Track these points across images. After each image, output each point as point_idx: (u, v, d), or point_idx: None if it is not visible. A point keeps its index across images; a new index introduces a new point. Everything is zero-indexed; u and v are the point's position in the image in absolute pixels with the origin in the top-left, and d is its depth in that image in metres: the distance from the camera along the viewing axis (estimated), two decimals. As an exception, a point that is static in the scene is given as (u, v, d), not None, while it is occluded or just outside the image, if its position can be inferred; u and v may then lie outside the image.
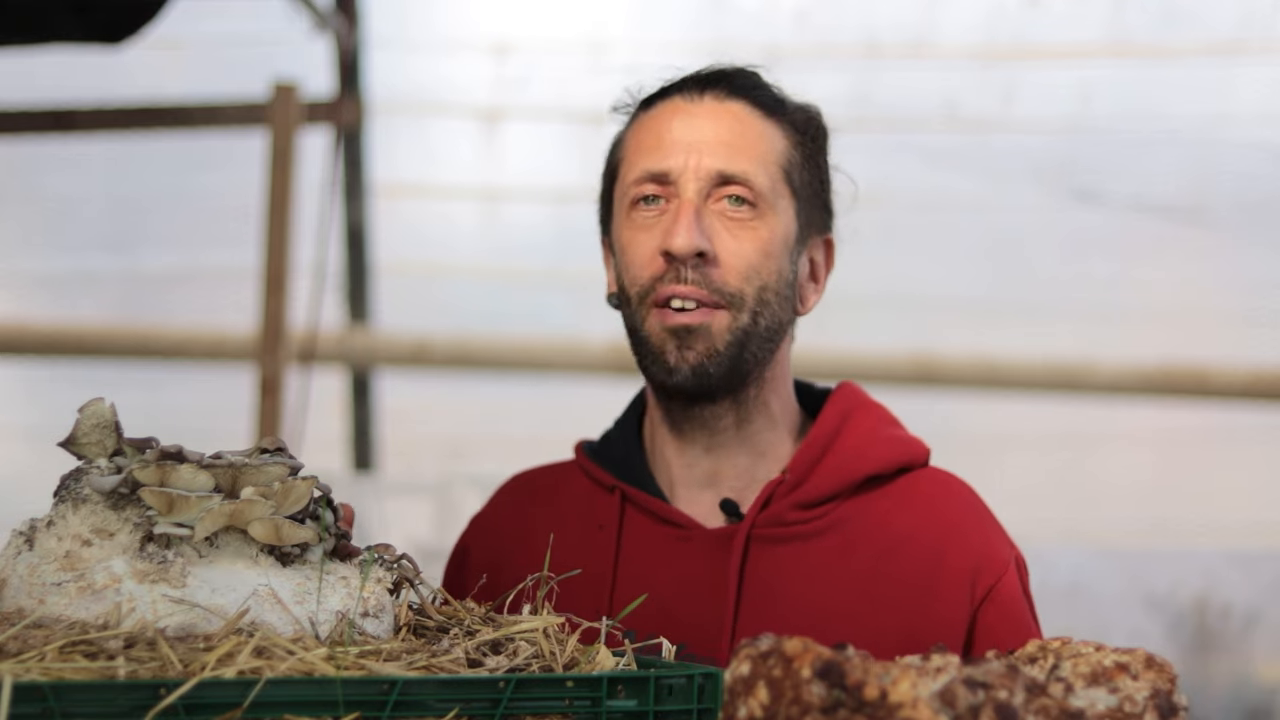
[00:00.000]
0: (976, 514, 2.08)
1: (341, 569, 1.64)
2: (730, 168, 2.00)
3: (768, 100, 2.05)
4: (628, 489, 2.08)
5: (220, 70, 4.76)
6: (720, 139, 2.01)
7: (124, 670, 1.42)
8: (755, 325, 2.00)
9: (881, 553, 2.00)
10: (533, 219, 5.24)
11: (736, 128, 2.02)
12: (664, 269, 1.98)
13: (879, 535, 2.02)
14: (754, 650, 1.45)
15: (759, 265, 2.00)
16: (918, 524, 2.03)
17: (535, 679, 1.52)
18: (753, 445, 2.06)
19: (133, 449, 1.65)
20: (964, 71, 4.84)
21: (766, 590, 2.00)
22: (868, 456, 2.05)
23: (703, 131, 2.02)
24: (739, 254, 1.99)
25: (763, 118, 2.04)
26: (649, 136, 2.05)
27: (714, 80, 2.05)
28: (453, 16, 5.08)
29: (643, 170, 2.02)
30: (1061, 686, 1.47)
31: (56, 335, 5.25)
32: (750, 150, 2.01)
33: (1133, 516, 5.40)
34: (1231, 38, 4.75)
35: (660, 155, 2.02)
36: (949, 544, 2.02)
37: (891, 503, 2.05)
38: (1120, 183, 5.00)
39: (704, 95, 2.04)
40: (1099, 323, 5.15)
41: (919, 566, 2.00)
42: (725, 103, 2.04)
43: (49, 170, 5.12)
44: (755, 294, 1.99)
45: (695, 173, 2.00)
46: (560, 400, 5.04)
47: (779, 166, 2.03)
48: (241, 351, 4.78)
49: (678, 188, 2.00)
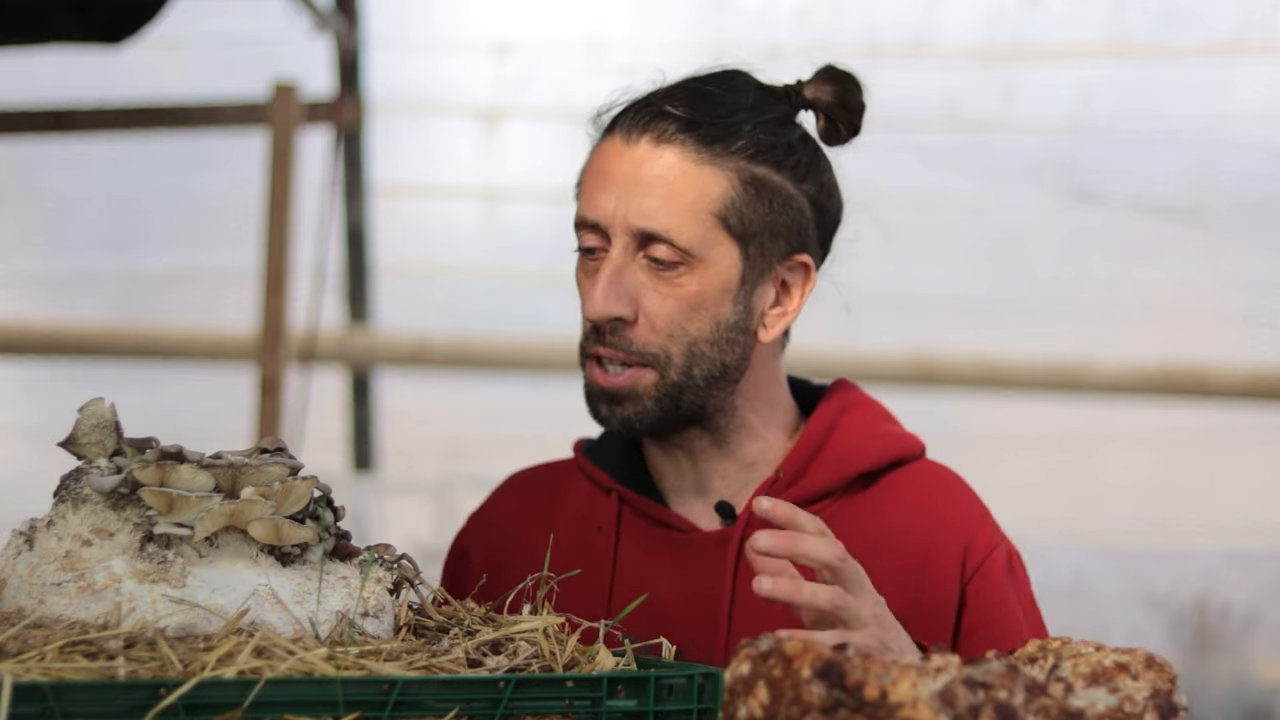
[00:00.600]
0: (966, 504, 2.07)
1: (341, 569, 1.64)
2: (651, 225, 1.94)
3: (714, 135, 1.95)
4: (625, 491, 2.07)
5: (220, 70, 4.76)
6: (646, 191, 1.94)
7: (124, 670, 1.42)
8: (688, 379, 1.97)
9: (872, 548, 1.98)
10: (533, 219, 5.23)
11: (665, 178, 1.94)
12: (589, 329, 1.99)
13: (869, 530, 2.00)
14: (754, 650, 1.45)
15: (684, 321, 1.95)
16: (908, 517, 2.03)
17: (535, 679, 1.52)
18: (738, 458, 2.05)
19: (133, 449, 1.65)
20: (964, 71, 4.83)
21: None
22: (861, 453, 2.04)
23: (628, 184, 1.95)
24: (661, 313, 1.95)
25: (700, 162, 1.94)
26: (589, 178, 2.01)
27: (657, 117, 1.96)
28: (453, 16, 5.08)
29: (580, 216, 2.00)
30: (1061, 686, 1.47)
31: (56, 335, 5.25)
32: (675, 203, 1.93)
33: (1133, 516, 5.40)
34: (1231, 38, 4.75)
35: (591, 203, 1.98)
36: (938, 534, 2.02)
37: (881, 497, 2.04)
38: (1120, 183, 5.00)
39: (642, 136, 1.96)
40: (1099, 323, 5.15)
41: (910, 559, 2.00)
42: (660, 148, 1.95)
43: (49, 170, 5.12)
44: (683, 350, 1.96)
45: (622, 227, 1.95)
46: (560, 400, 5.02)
47: (711, 214, 1.94)
48: (241, 351, 4.77)
49: (610, 240, 1.97)
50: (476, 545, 2.17)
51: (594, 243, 1.98)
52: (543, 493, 2.16)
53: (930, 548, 2.01)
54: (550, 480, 2.17)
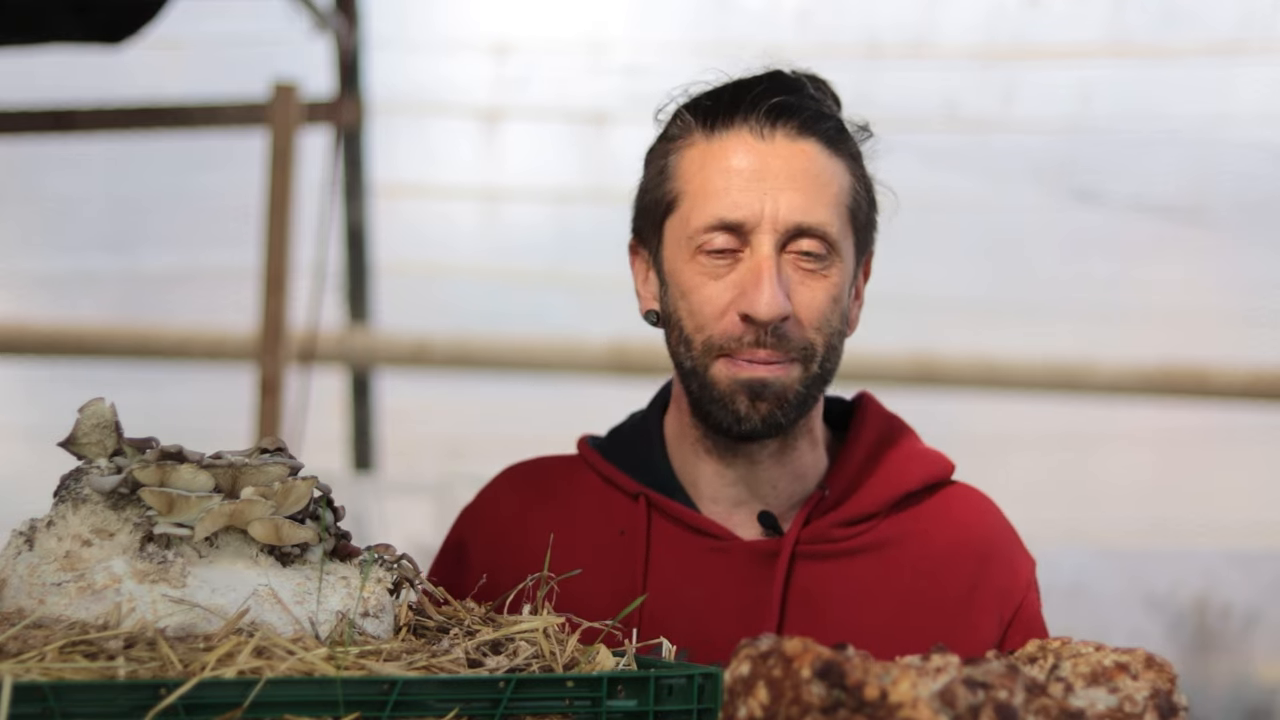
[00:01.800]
0: (1005, 534, 2.10)
1: (341, 569, 1.64)
2: (808, 220, 1.93)
3: (834, 133, 1.97)
4: (653, 495, 2.04)
5: (220, 70, 4.77)
6: (796, 186, 1.93)
7: (124, 670, 1.42)
8: (823, 371, 1.97)
9: (922, 572, 2.01)
10: (533, 219, 5.24)
11: (811, 171, 1.94)
12: (742, 329, 1.93)
13: (920, 555, 2.02)
14: (754, 650, 1.45)
15: (830, 314, 1.95)
16: (955, 545, 2.04)
17: (535, 679, 1.52)
18: (793, 468, 2.04)
19: (133, 449, 1.65)
20: (964, 71, 4.84)
21: (809, 606, 1.99)
22: (907, 474, 2.05)
23: (777, 178, 1.93)
24: (813, 306, 1.94)
25: (831, 156, 1.96)
26: (717, 176, 1.95)
27: (785, 112, 1.95)
28: (453, 16, 5.09)
29: (714, 217, 1.94)
30: (1061, 686, 1.47)
31: (56, 335, 5.26)
32: (823, 197, 1.94)
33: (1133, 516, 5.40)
34: (1231, 38, 4.76)
35: (733, 203, 1.93)
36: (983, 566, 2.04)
37: (929, 522, 2.05)
38: (1120, 183, 5.00)
39: (775, 130, 1.94)
40: (1099, 323, 5.15)
41: (957, 588, 2.02)
42: (797, 142, 1.94)
43: (49, 170, 5.13)
44: (825, 343, 1.96)
45: (772, 224, 1.92)
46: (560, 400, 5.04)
47: (845, 207, 1.97)
48: (241, 351, 4.78)
49: (751, 239, 1.93)
50: (474, 540, 2.13)
51: (726, 244, 1.94)
52: (546, 489, 2.13)
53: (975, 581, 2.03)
54: (553, 476, 2.14)
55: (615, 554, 2.03)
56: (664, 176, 2.00)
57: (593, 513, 2.08)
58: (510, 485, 2.17)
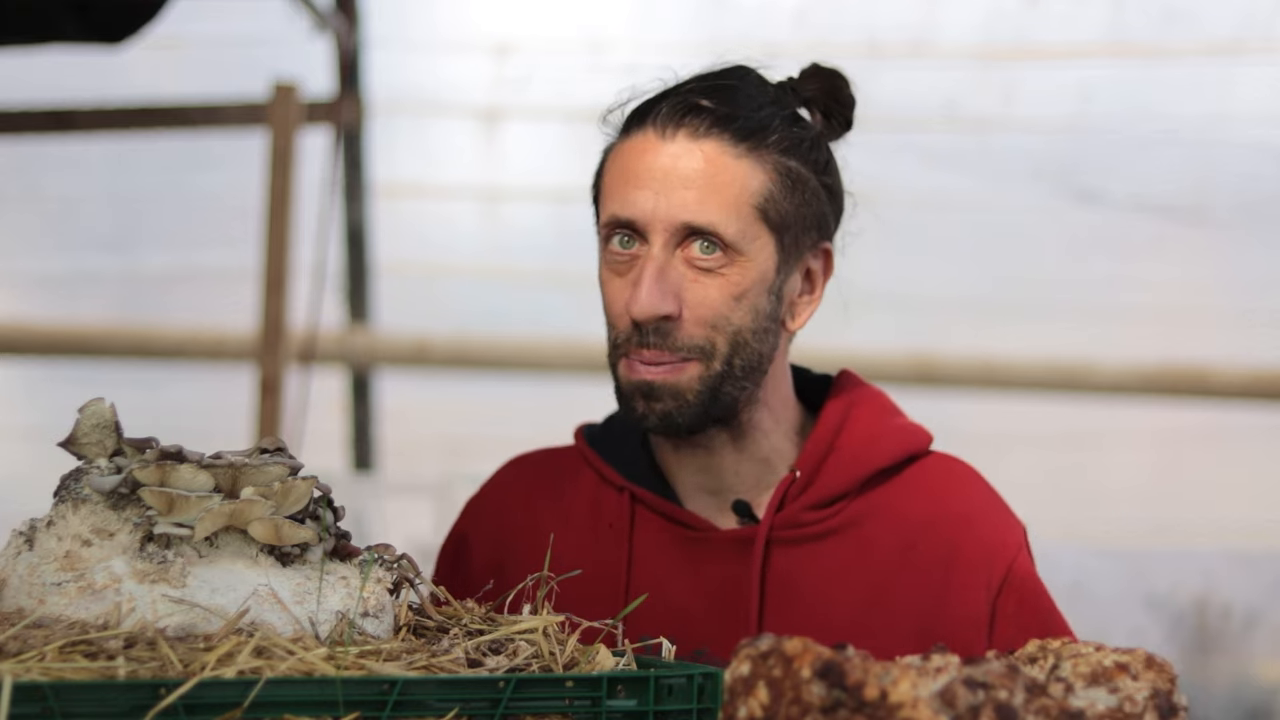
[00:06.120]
0: (984, 499, 2.08)
1: (341, 569, 1.64)
2: (696, 219, 1.93)
3: (750, 129, 1.96)
4: (636, 489, 2.05)
5: (220, 70, 4.77)
6: (688, 185, 1.93)
7: (124, 670, 1.42)
8: (730, 369, 1.96)
9: (897, 547, 2.00)
10: (533, 219, 5.24)
11: (706, 172, 1.94)
12: (630, 329, 1.94)
13: (895, 530, 2.01)
14: (754, 650, 1.45)
15: (728, 313, 1.95)
16: (931, 514, 2.03)
17: (535, 679, 1.52)
18: (754, 455, 2.04)
19: (133, 449, 1.65)
20: (964, 71, 4.84)
21: (787, 592, 1.99)
22: (875, 450, 2.04)
23: (669, 178, 1.94)
24: (706, 304, 1.94)
25: (739, 156, 1.95)
26: (619, 176, 1.98)
27: (691, 111, 1.96)
28: (453, 16, 5.09)
29: (611, 215, 1.97)
30: (1061, 686, 1.47)
31: (56, 335, 5.26)
32: (719, 196, 1.94)
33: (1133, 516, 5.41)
34: (1231, 38, 4.76)
35: (627, 201, 1.95)
36: (962, 532, 2.02)
37: (903, 495, 2.04)
38: (1120, 183, 5.00)
39: (678, 130, 1.95)
40: (1099, 323, 5.15)
41: (934, 559, 2.00)
42: (699, 141, 1.95)
43: (49, 170, 5.13)
44: (728, 340, 1.95)
45: (662, 223, 1.93)
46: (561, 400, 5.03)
47: (752, 207, 1.95)
48: (241, 351, 4.78)
49: (647, 237, 1.95)
50: (478, 532, 2.14)
51: (627, 242, 1.96)
52: (549, 483, 2.13)
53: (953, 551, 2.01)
54: (556, 467, 2.14)
55: (605, 549, 2.04)
56: (597, 178, 2.04)
57: (588, 507, 2.08)
58: (513, 477, 2.17)
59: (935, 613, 1.98)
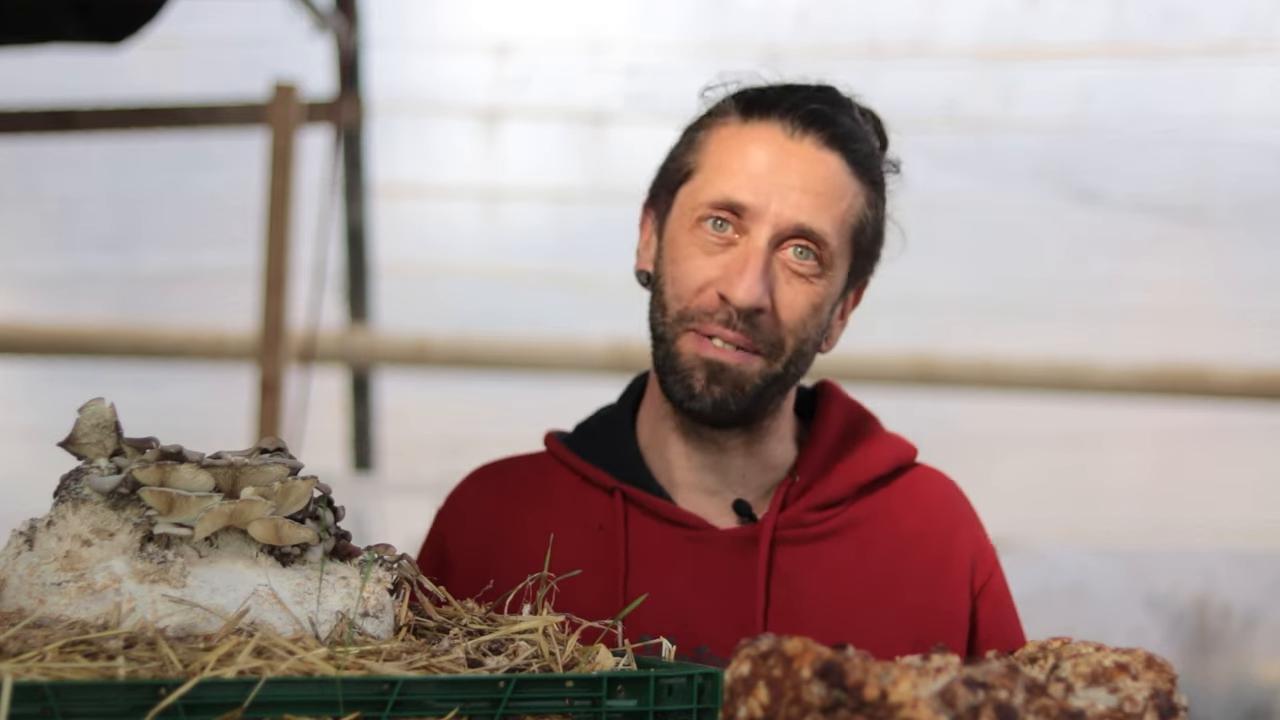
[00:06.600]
0: (968, 512, 2.16)
1: (341, 569, 1.64)
2: (811, 223, 1.97)
3: (861, 157, 2.01)
4: (629, 489, 2.06)
5: (220, 70, 4.76)
6: (809, 190, 1.97)
7: (124, 670, 1.42)
8: (786, 373, 2.01)
9: (895, 552, 2.07)
10: (533, 219, 5.24)
11: (828, 182, 1.98)
12: (716, 307, 1.97)
13: (890, 533, 2.08)
14: (754, 650, 1.45)
15: (807, 320, 2.00)
16: (924, 524, 2.10)
17: (535, 679, 1.52)
18: (760, 459, 2.09)
19: (133, 449, 1.65)
20: (964, 71, 4.84)
21: (790, 588, 2.03)
22: (874, 459, 2.10)
23: (793, 178, 1.97)
24: (793, 307, 1.98)
25: (853, 176, 2.00)
26: (738, 158, 2.00)
27: (820, 120, 2.00)
28: (453, 16, 5.08)
29: (721, 195, 1.98)
30: (1061, 686, 1.47)
31: (56, 335, 5.26)
32: (833, 209, 1.98)
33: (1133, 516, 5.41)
34: (1231, 38, 4.76)
35: (743, 186, 1.98)
36: (950, 542, 2.10)
37: (896, 503, 2.10)
38: (1120, 183, 5.00)
39: (806, 134, 1.99)
40: (1099, 323, 5.16)
41: (928, 564, 2.07)
42: (823, 151, 1.99)
43: (49, 170, 5.12)
44: (795, 346, 2.00)
45: (775, 219, 1.96)
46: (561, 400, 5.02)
47: (851, 227, 2.01)
48: (241, 351, 4.78)
49: (750, 226, 1.97)
50: (458, 544, 2.13)
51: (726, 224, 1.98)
52: (522, 489, 2.14)
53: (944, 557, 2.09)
54: (526, 474, 2.15)
55: (595, 550, 2.04)
56: (690, 147, 2.05)
57: (570, 509, 2.09)
58: (482, 486, 2.18)
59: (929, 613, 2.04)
